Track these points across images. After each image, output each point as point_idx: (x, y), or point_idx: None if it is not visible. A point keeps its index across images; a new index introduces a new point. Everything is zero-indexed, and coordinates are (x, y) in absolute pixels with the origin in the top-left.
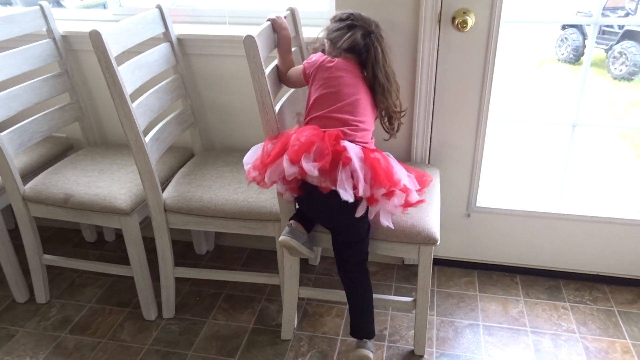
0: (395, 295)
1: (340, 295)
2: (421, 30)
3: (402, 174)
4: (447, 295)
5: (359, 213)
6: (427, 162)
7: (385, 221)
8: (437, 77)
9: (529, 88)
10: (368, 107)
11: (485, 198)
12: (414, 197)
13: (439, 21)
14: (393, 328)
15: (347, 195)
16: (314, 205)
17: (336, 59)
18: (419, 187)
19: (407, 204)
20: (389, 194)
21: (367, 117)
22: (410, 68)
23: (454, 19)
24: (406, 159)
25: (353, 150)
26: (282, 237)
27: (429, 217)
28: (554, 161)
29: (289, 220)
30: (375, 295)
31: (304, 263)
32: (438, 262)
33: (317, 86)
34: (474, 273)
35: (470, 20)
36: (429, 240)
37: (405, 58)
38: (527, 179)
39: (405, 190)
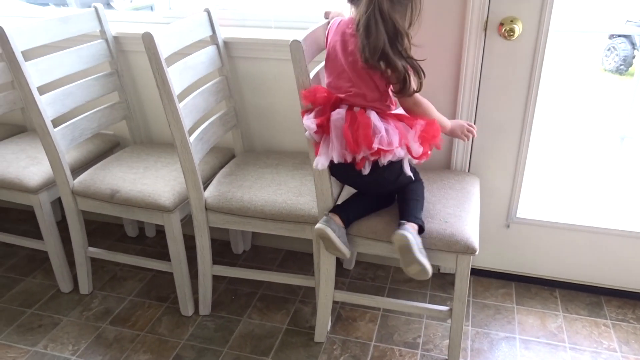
0: (430, 303)
1: (374, 300)
2: (466, 37)
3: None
4: (483, 306)
5: (365, 172)
6: (467, 170)
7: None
8: (480, 84)
9: (575, 98)
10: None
11: (526, 209)
12: (416, 150)
13: (485, 29)
14: (427, 337)
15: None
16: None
17: None
18: (417, 142)
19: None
20: (375, 154)
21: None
22: (454, 75)
23: (500, 26)
24: (446, 166)
25: (334, 117)
26: (317, 226)
27: (468, 226)
28: (600, 174)
29: (328, 212)
30: (410, 302)
31: (338, 267)
32: (475, 272)
33: None
34: (512, 285)
35: (518, 28)
36: (467, 250)
37: (449, 64)
38: (571, 191)
39: (387, 150)
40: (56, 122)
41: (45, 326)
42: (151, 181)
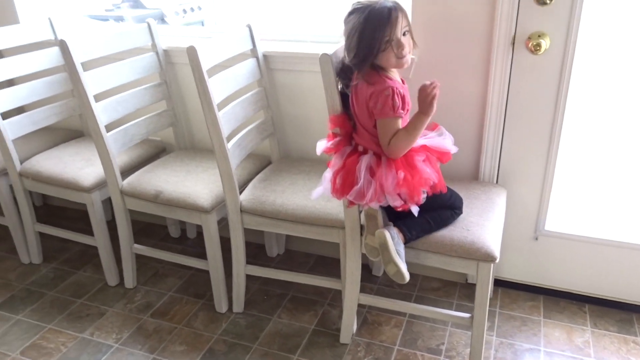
0: None
1: (398, 304)
2: (494, 51)
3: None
4: (509, 318)
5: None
6: (495, 181)
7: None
8: (509, 97)
9: (606, 110)
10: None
11: (555, 222)
12: (392, 203)
13: (513, 43)
14: (450, 344)
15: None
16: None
17: None
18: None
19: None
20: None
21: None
22: (482, 88)
23: (528, 41)
24: (473, 177)
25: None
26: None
27: (490, 235)
28: (632, 188)
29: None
30: (434, 309)
31: (367, 273)
32: (503, 283)
33: None
34: (540, 298)
35: (545, 43)
36: (488, 257)
37: (477, 77)
38: (602, 205)
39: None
40: (109, 128)
41: (92, 315)
42: (192, 184)
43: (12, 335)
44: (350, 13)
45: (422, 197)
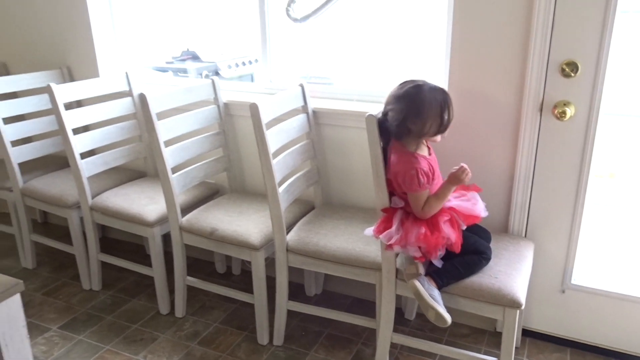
0: None
1: (429, 345)
2: (523, 117)
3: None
4: None
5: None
6: (524, 235)
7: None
8: (537, 158)
9: (632, 167)
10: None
11: (582, 276)
12: (412, 252)
13: (541, 109)
14: None
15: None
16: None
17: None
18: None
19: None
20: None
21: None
22: (512, 149)
23: (554, 108)
24: (503, 230)
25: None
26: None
27: (516, 283)
28: None
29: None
30: (463, 351)
31: (400, 317)
32: (531, 334)
33: None
34: (567, 350)
35: (569, 111)
36: (514, 304)
37: (508, 140)
38: (628, 261)
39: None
40: (173, 170)
41: (145, 340)
42: (243, 223)
43: (74, 354)
44: (408, 86)
45: (439, 254)
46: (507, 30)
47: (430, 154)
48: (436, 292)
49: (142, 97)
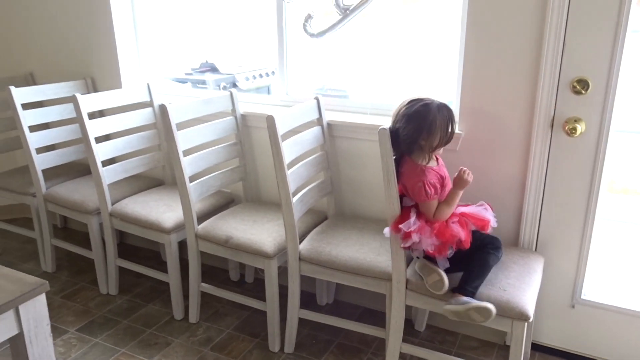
0: None
1: (437, 356)
2: (534, 132)
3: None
4: None
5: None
6: (534, 249)
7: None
8: (547, 173)
9: None
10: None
11: (592, 291)
12: (428, 244)
13: (552, 125)
14: None
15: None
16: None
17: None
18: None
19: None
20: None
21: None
22: (523, 164)
23: (565, 124)
24: (513, 244)
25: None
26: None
27: (525, 296)
28: None
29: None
30: None
31: (410, 328)
32: (540, 348)
33: None
34: None
35: (580, 127)
36: (522, 316)
37: (519, 155)
38: (638, 277)
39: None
40: (190, 179)
41: (160, 344)
42: (258, 232)
43: (91, 356)
44: (417, 105)
45: (449, 253)
46: (518, 47)
47: (438, 164)
48: (463, 298)
49: (163, 108)
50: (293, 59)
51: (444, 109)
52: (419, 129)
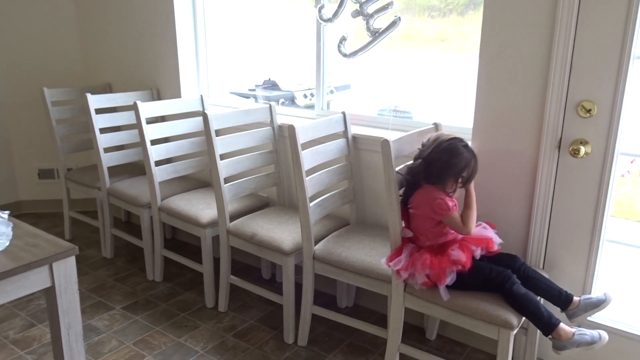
0: None
1: (432, 359)
2: (542, 153)
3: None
4: None
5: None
6: (541, 266)
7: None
8: (554, 194)
9: None
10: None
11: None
12: (418, 279)
13: (559, 147)
14: None
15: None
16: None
17: None
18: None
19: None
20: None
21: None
22: (530, 184)
23: (571, 145)
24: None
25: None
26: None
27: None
28: None
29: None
30: None
31: (421, 335)
32: None
33: None
34: None
35: (584, 149)
36: (506, 324)
37: (525, 174)
38: None
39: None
40: (227, 180)
41: (189, 327)
42: (280, 231)
43: (130, 330)
44: (446, 142)
45: (449, 279)
46: (528, 72)
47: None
48: (568, 342)
49: (204, 116)
50: (355, 78)
51: (469, 149)
52: (449, 162)
